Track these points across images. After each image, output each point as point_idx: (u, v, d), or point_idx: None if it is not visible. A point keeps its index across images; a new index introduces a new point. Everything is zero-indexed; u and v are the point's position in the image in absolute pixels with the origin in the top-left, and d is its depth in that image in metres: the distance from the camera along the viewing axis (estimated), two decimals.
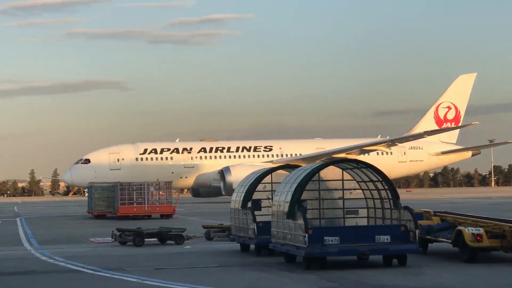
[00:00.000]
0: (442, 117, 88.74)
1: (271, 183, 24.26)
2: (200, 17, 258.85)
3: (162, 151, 77.67)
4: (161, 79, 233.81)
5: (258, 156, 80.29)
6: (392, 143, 79.95)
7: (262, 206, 23.57)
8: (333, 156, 75.82)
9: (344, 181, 21.86)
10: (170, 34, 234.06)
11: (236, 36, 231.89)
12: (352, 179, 21.74)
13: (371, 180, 21.11)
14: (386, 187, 20.62)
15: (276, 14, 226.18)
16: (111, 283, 18.14)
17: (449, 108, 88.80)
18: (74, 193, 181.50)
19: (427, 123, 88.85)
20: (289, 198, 19.73)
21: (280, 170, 24.89)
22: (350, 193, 22.23)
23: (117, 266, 20.92)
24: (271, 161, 79.51)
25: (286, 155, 78.55)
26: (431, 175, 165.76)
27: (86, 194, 72.56)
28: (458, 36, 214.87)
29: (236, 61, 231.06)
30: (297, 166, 23.86)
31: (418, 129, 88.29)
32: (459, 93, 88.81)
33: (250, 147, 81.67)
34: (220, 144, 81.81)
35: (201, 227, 29.73)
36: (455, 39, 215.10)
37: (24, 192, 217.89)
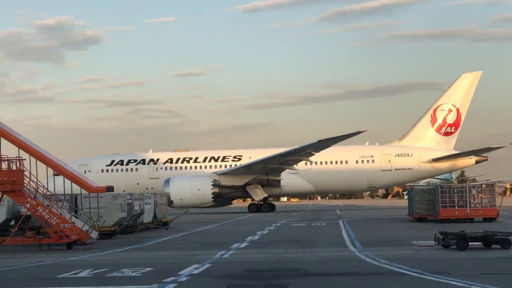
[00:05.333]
0: (441, 120, 78.46)
1: None
2: None
3: (128, 162, 76.47)
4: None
5: (226, 166, 77.08)
6: (309, 153, 72.07)
7: None
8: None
9: None
10: (493, 31, 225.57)
11: None
12: None
13: None
14: None
15: None
16: (436, 286, 17.83)
17: (450, 110, 78.26)
18: (393, 196, 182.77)
19: (423, 128, 79.07)
20: None
21: None
22: None
23: (442, 269, 20.54)
24: (215, 172, 75.84)
25: None
26: None
27: (406, 197, 72.67)
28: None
29: None
30: None
31: (413, 134, 79.22)
32: (461, 94, 77.76)
33: (218, 157, 78.04)
34: (188, 154, 78.28)
35: None
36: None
37: (344, 194, 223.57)
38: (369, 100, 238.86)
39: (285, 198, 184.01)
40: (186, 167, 77.93)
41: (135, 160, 78.08)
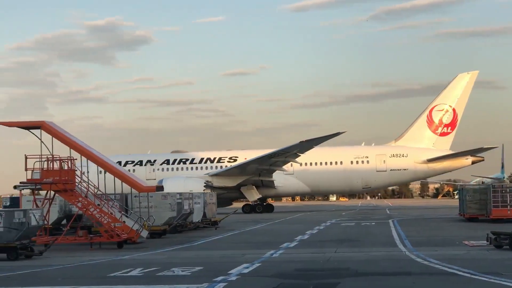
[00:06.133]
0: (436, 121, 77.46)
1: None
2: None
3: (126, 163, 75.84)
4: None
5: (221, 167, 76.77)
6: (295, 154, 71.83)
7: None
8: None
9: None
10: None
11: None
12: None
13: None
14: None
15: None
16: (488, 287, 17.57)
17: (446, 111, 77.23)
18: (444, 196, 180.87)
19: (419, 128, 77.93)
20: None
21: None
22: None
23: (494, 270, 20.22)
24: (208, 174, 75.60)
25: None
26: None
27: (457, 197, 71.91)
28: None
29: None
30: None
31: (409, 134, 78.19)
32: (457, 94, 76.75)
33: (214, 158, 77.71)
34: (185, 155, 77.80)
35: None
36: None
37: (394, 194, 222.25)
38: (418, 99, 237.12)
39: (334, 197, 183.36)
40: (182, 168, 78.54)
41: (133, 162, 78.63)
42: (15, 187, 36.20)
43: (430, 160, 76.66)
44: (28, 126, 35.17)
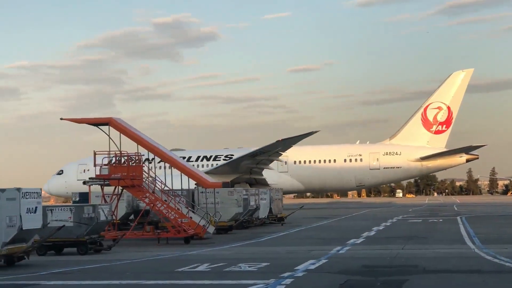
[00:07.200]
0: (431, 119, 76.34)
1: None
2: None
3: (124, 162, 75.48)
4: None
5: (217, 165, 75.58)
6: (278, 153, 71.02)
7: None
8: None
9: None
10: None
11: None
12: None
13: None
14: None
15: None
16: None
17: (440, 108, 75.99)
18: None
19: (414, 126, 76.89)
20: None
21: None
22: None
23: None
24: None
25: None
26: None
27: None
28: None
29: None
30: None
31: (403, 132, 77.37)
32: (452, 92, 75.64)
33: (210, 157, 77.01)
34: (182, 153, 75.79)
35: None
36: None
37: (462, 190, 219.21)
38: (488, 95, 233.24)
39: (400, 194, 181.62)
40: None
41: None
42: (84, 182, 36.84)
43: (423, 158, 76.63)
44: (97, 123, 35.78)
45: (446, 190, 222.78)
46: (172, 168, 36.74)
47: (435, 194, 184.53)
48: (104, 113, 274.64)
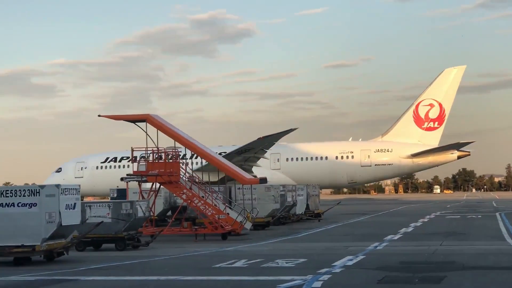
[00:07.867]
0: (423, 116, 75.63)
1: None
2: None
3: (121, 159, 75.99)
4: None
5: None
6: (263, 150, 70.44)
7: None
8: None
9: None
10: None
11: None
12: None
13: None
14: None
15: None
16: None
17: (432, 105, 75.22)
18: None
19: (405, 123, 76.30)
20: None
21: None
22: None
23: None
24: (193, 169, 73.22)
25: None
26: None
27: None
28: None
29: None
30: None
31: (395, 129, 77.07)
32: (444, 89, 74.82)
33: None
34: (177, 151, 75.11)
35: None
36: None
37: (501, 186, 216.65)
38: None
39: (438, 190, 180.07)
40: None
41: (128, 157, 77.54)
42: (121, 179, 37.12)
43: (415, 155, 76.30)
44: (134, 119, 36.03)
45: (485, 186, 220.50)
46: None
47: (474, 190, 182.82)
48: (141, 110, 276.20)
